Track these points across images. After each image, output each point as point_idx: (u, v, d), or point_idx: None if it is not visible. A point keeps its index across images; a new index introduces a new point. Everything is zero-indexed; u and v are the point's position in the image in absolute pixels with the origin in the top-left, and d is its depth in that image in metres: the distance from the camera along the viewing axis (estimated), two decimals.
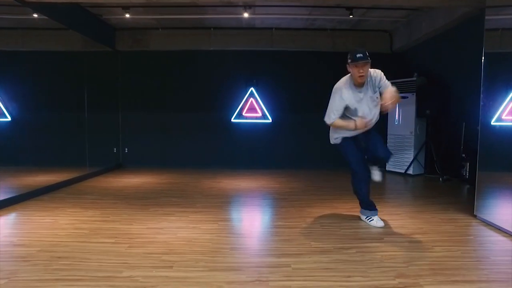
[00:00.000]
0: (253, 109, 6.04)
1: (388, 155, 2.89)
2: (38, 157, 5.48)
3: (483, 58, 3.14)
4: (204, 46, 5.96)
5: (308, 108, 5.85)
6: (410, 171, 5.48)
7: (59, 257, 2.15)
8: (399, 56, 6.05)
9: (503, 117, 3.30)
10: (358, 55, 2.54)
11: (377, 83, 2.65)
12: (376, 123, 2.85)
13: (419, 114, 5.39)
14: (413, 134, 5.50)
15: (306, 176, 5.36)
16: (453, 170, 5.20)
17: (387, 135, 5.96)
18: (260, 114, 6.05)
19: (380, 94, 2.68)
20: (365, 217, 2.96)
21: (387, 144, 5.95)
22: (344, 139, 2.87)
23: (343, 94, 2.66)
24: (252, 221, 3.02)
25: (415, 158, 5.46)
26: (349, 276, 1.94)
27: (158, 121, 6.19)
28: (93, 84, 5.64)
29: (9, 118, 5.29)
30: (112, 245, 2.40)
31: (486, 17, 3.15)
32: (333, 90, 2.74)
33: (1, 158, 4.39)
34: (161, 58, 6.06)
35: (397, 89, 2.67)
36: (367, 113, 2.70)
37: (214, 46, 5.95)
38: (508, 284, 1.86)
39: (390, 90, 2.55)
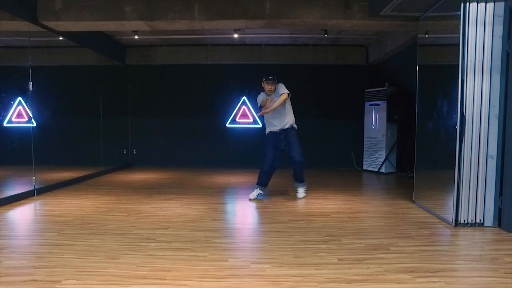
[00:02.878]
0: (245, 116, 6.87)
1: (299, 159, 3.92)
2: (59, 157, 6.39)
3: (417, 67, 3.94)
4: (202, 60, 6.84)
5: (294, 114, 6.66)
6: (383, 170, 6.24)
7: (88, 223, 3.00)
8: (374, 68, 6.84)
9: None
10: (269, 77, 3.98)
11: (278, 92, 3.94)
12: (294, 130, 4.00)
13: (389, 119, 6.16)
14: (384, 137, 6.27)
15: (290, 173, 6.13)
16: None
17: (363, 138, 6.73)
18: (251, 120, 6.88)
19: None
20: (254, 188, 4.11)
21: (364, 146, 6.72)
22: (270, 134, 4.02)
23: (260, 97, 4.12)
24: (234, 204, 3.82)
25: (386, 158, 6.21)
26: (291, 235, 2.73)
27: (162, 126, 7.06)
28: (106, 93, 6.54)
29: (34, 124, 6.22)
30: (125, 217, 3.23)
31: (419, 35, 3.95)
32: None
33: (28, 158, 5.28)
34: (165, 71, 6.96)
35: (372, 96, 3.49)
36: (278, 113, 3.96)
37: (211, 60, 6.83)
38: (402, 239, 2.62)
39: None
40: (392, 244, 2.53)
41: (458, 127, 2.97)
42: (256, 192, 4.05)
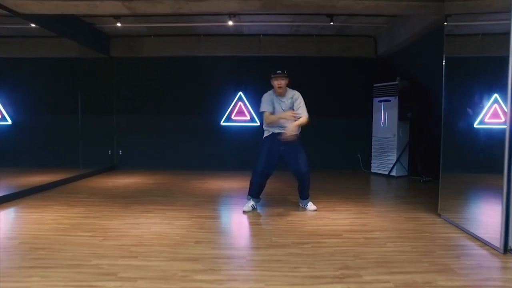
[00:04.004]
0: (241, 113, 6.24)
1: (306, 169, 3.38)
2: (37, 158, 5.76)
3: (443, 62, 3.29)
4: (195, 52, 6.19)
5: None
6: (393, 173, 5.62)
7: (37, 248, 2.37)
8: (384, 61, 6.20)
9: (486, 120, 3.39)
10: (278, 71, 3.27)
11: (294, 101, 3.34)
12: (298, 138, 3.35)
13: (401, 117, 5.53)
14: (396, 136, 5.64)
15: (291, 177, 5.52)
16: (435, 172, 5.31)
17: (371, 138, 6.11)
18: (248, 118, 6.24)
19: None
20: (248, 199, 3.48)
21: (372, 146, 6.09)
22: (269, 136, 3.40)
23: (267, 97, 3.41)
24: (224, 218, 3.20)
25: (397, 160, 5.59)
26: (295, 268, 2.11)
27: (151, 124, 6.42)
28: (89, 89, 5.91)
29: (9, 122, 5.58)
30: (88, 238, 2.61)
31: (446, 23, 3.31)
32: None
33: (2, 159, 4.66)
34: (154, 64, 6.31)
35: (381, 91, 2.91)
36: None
37: (204, 52, 6.18)
38: (440, 274, 2.01)
39: (292, 125, 3.23)
40: (429, 283, 1.91)
41: (507, 128, 2.34)
42: (250, 204, 3.44)
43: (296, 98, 3.34)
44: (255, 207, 3.47)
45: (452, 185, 3.30)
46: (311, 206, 3.49)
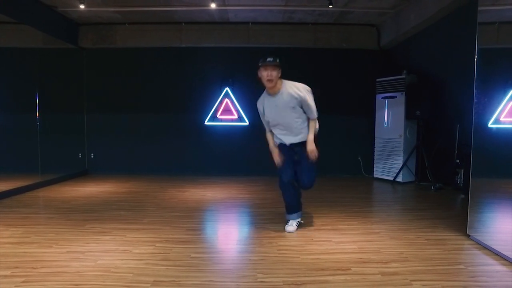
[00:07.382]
0: (228, 111, 5.55)
1: (309, 184, 2.74)
2: None
3: (476, 56, 2.65)
4: (175, 42, 5.49)
5: None
6: (400, 179, 4.98)
7: None
8: (388, 53, 5.58)
9: (502, 118, 2.85)
10: (268, 59, 2.53)
11: (300, 100, 2.58)
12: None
13: (408, 115, 4.90)
14: (402, 137, 5.00)
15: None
16: (447, 178, 4.70)
17: (374, 139, 5.47)
18: (236, 116, 5.56)
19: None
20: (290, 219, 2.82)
21: (374, 148, 5.45)
22: (280, 145, 2.77)
23: (259, 104, 2.72)
24: (196, 243, 2.51)
25: (404, 164, 4.95)
26: None
27: (127, 124, 5.71)
28: (55, 84, 5.16)
29: None
30: (3, 279, 1.89)
31: (480, 8, 2.67)
32: None
33: None
34: (129, 55, 5.59)
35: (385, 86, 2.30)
36: (287, 123, 2.62)
37: (186, 42, 5.48)
38: None
39: (310, 142, 2.63)
40: None
41: None
42: (295, 222, 2.79)
43: (303, 97, 2.55)
44: (300, 222, 2.83)
45: (476, 195, 2.67)
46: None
